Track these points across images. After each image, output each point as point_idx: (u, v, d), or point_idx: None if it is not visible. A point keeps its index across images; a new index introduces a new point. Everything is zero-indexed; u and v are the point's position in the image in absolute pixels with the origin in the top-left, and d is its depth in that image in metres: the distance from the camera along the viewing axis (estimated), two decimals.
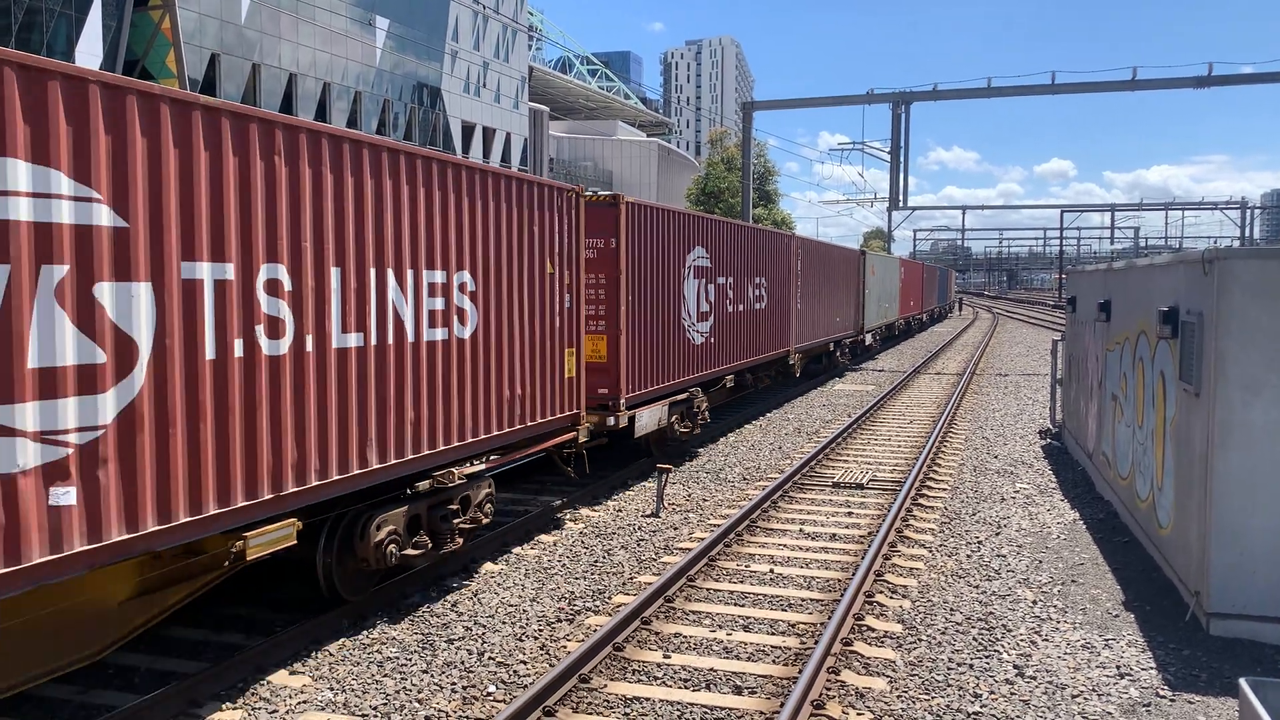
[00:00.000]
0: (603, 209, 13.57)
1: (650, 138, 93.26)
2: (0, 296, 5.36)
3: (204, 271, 6.61)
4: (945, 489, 14.46)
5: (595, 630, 8.39)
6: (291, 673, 7.64)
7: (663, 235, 15.38)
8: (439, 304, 9.20)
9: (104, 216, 5.92)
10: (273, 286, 7.20)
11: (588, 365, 12.84)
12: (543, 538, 11.65)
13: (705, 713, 7.00)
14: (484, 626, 8.69)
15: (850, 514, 12.84)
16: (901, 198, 44.13)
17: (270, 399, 7.19)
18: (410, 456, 8.81)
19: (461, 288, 9.57)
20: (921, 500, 13.62)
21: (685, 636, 8.41)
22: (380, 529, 8.58)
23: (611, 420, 13.51)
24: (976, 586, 9.90)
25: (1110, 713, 7.06)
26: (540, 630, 8.63)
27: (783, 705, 6.86)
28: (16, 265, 5.44)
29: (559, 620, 8.90)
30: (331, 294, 7.75)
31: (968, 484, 14.83)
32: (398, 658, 7.96)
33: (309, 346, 7.55)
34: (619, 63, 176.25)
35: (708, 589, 9.70)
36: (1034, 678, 7.65)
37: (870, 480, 14.72)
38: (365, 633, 8.51)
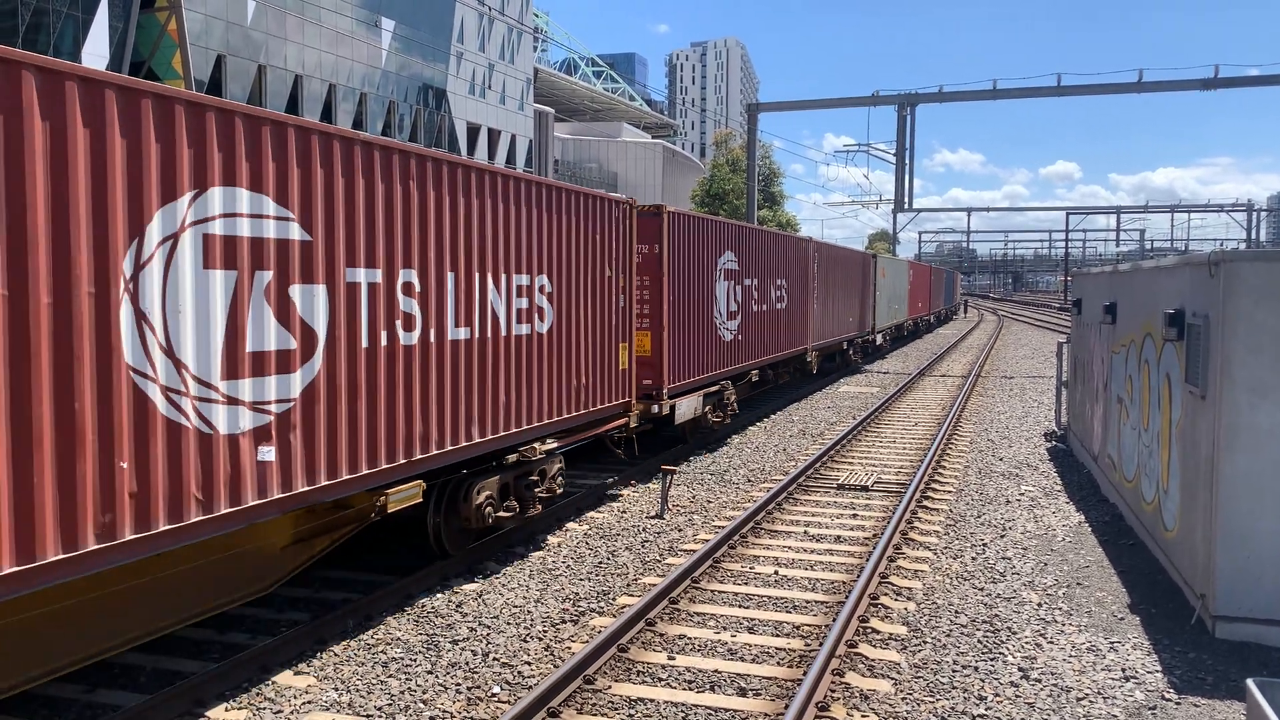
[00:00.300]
0: (648, 218, 14.96)
1: (655, 139, 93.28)
2: (230, 296, 6.87)
3: (361, 276, 8.15)
4: (950, 491, 14.44)
5: (600, 631, 8.39)
6: (296, 673, 7.65)
7: (697, 241, 16.82)
8: (524, 303, 10.77)
9: (295, 232, 7.45)
10: (408, 288, 8.75)
11: (635, 359, 14.10)
12: (548, 539, 11.65)
13: (710, 714, 6.99)
14: (488, 627, 8.70)
15: (855, 516, 12.83)
16: (906, 200, 44.11)
17: (405, 381, 8.71)
18: (501, 434, 10.35)
19: (541, 289, 11.17)
20: (926, 502, 13.60)
21: (689, 638, 8.41)
22: (480, 494, 10.16)
23: (655, 408, 14.94)
24: (981, 589, 9.89)
25: (1116, 716, 7.05)
26: (545, 631, 8.63)
27: (787, 707, 6.85)
28: (241, 272, 6.96)
29: (563, 621, 8.90)
30: (448, 295, 9.32)
31: (973, 486, 14.81)
32: (402, 658, 7.97)
33: (432, 338, 9.10)
34: (624, 64, 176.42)
35: (712, 590, 9.70)
36: (1039, 680, 7.64)
37: (875, 482, 14.71)
38: (370, 633, 8.51)
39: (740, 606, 9.29)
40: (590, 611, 9.16)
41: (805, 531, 12.02)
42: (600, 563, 10.72)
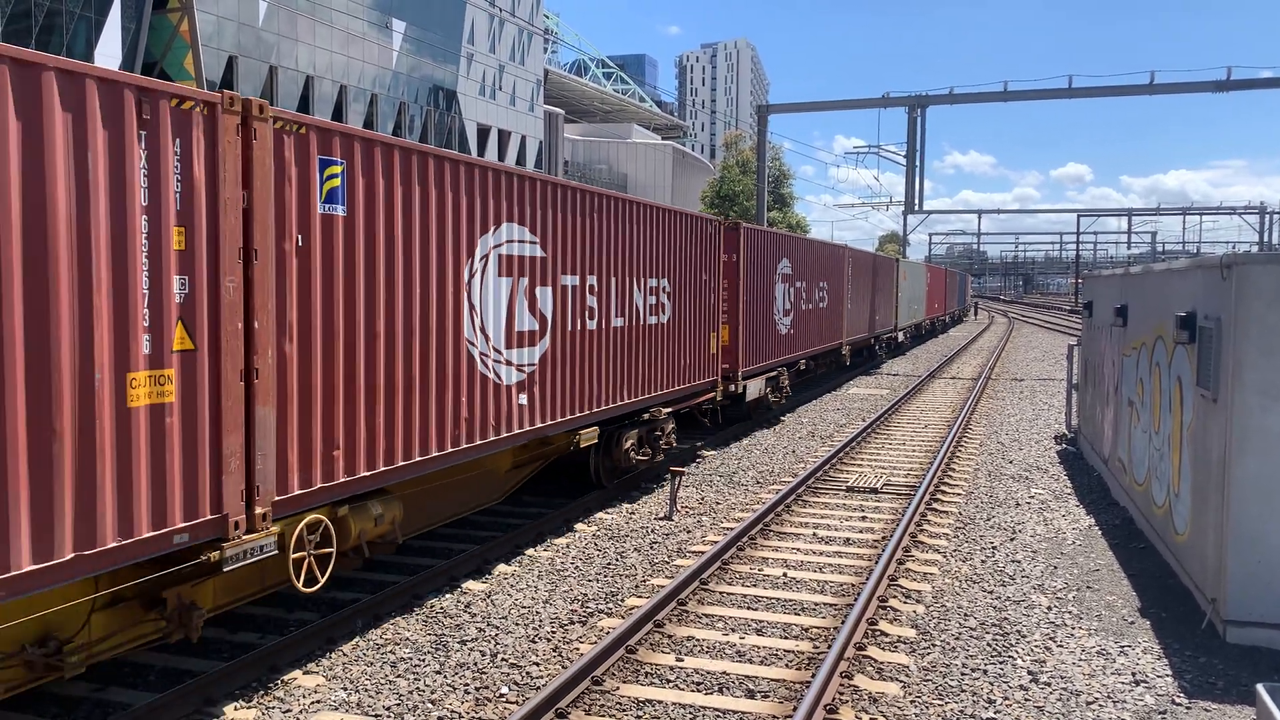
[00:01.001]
0: (729, 232, 18.08)
1: (665, 141, 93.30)
2: (508, 294, 10.32)
3: (568, 280, 11.66)
4: (960, 494, 14.41)
5: (608, 632, 8.39)
6: (305, 672, 7.67)
7: (762, 250, 19.83)
8: (654, 300, 14.31)
9: (538, 251, 10.93)
10: (591, 289, 12.26)
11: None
12: (555, 540, 11.66)
13: (718, 715, 6.99)
14: (497, 628, 8.71)
15: (864, 518, 12.81)
16: (917, 201, 44.05)
17: (590, 355, 12.23)
18: (640, 398, 13.89)
19: (663, 290, 14.65)
20: (936, 505, 13.57)
21: (698, 639, 8.41)
22: (626, 441, 13.71)
23: (733, 387, 18.00)
24: (991, 592, 9.87)
25: (1125, 719, 7.03)
26: (553, 632, 8.64)
27: (796, 709, 6.85)
28: (516, 280, 10.44)
29: (572, 622, 8.90)
30: (613, 293, 12.90)
31: (982, 489, 14.78)
32: (411, 658, 7.98)
33: (604, 325, 12.64)
34: (634, 66, 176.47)
35: (721, 592, 9.69)
36: (1048, 684, 7.62)
37: (884, 485, 14.68)
38: (379, 632, 8.53)
39: (749, 608, 9.28)
40: (598, 612, 9.16)
41: (814, 534, 12.01)
42: (609, 564, 10.73)
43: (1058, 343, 47.67)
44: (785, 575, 10.28)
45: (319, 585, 7.87)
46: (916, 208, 45.00)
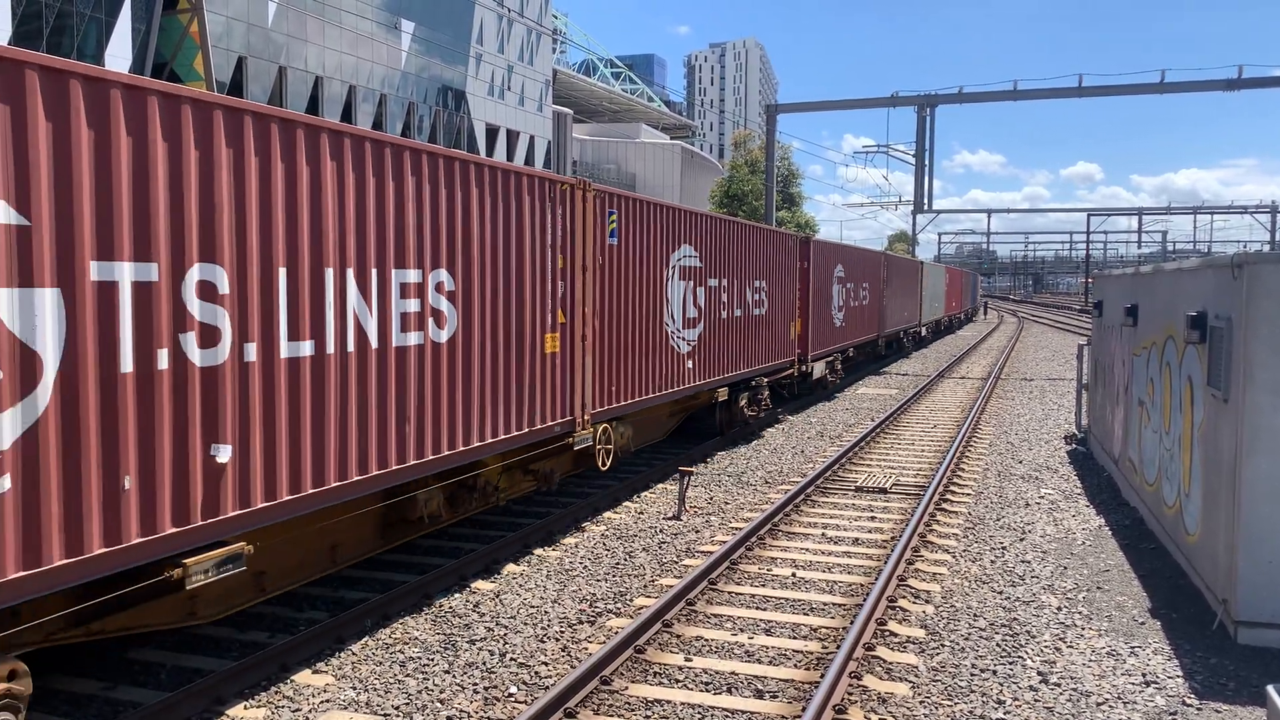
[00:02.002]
0: (803, 243, 22.84)
1: (674, 140, 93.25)
2: (683, 292, 14.92)
3: (713, 282, 16.44)
4: (969, 494, 14.37)
5: (616, 632, 8.39)
6: (315, 671, 7.69)
7: (824, 257, 24.66)
8: (757, 296, 18.98)
9: (698, 262, 15.65)
10: (724, 288, 17.04)
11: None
12: (564, 540, 11.67)
13: (727, 715, 6.98)
14: (506, 627, 8.72)
15: (873, 518, 12.79)
16: (926, 201, 43.97)
17: (723, 336, 16.93)
18: (749, 369, 18.53)
19: (763, 289, 19.29)
20: (945, 505, 13.54)
21: (707, 639, 8.40)
22: (741, 399, 18.50)
23: (804, 367, 22.83)
24: (1000, 592, 9.84)
25: None
26: (561, 632, 8.64)
27: (804, 709, 6.84)
28: (688, 282, 15.15)
29: (580, 622, 8.90)
30: (736, 292, 17.59)
31: (992, 489, 14.74)
32: (420, 657, 8.00)
33: (731, 315, 17.35)
34: (643, 65, 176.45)
35: (729, 592, 9.68)
36: (1058, 685, 7.59)
37: (893, 485, 14.66)
38: (388, 632, 8.55)
39: (758, 608, 9.28)
40: (607, 612, 9.16)
41: (823, 534, 11.99)
42: (617, 564, 10.73)
43: (1067, 342, 47.52)
44: (794, 575, 10.27)
45: (607, 467, 13.23)
46: (925, 207, 44.91)
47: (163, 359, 6.30)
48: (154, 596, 6.87)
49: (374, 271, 8.17)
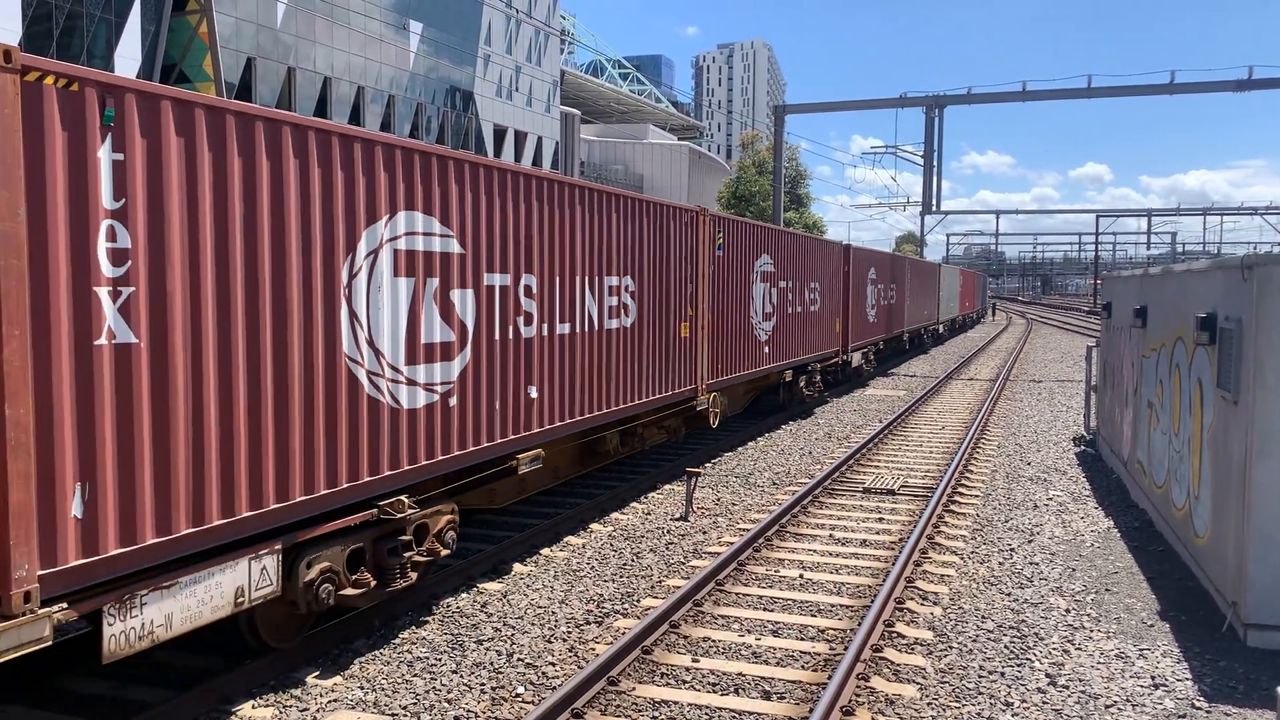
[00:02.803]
0: (845, 249, 26.37)
1: (681, 141, 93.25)
2: (763, 291, 18.75)
3: (783, 284, 19.93)
4: (977, 495, 14.34)
5: (624, 633, 8.39)
6: (322, 671, 7.70)
7: (861, 262, 28.39)
8: (812, 295, 22.29)
9: (771, 266, 19.23)
10: (791, 288, 20.47)
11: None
12: (571, 540, 11.67)
13: (734, 717, 6.98)
14: (513, 628, 8.72)
15: (881, 520, 12.77)
16: (935, 202, 43.89)
17: (790, 327, 20.40)
18: (807, 355, 21.92)
19: (815, 288, 22.63)
20: (953, 507, 13.51)
21: (714, 641, 8.40)
22: (801, 380, 21.87)
23: (845, 356, 26.24)
24: (1008, 594, 9.81)
25: None
26: (569, 632, 8.64)
27: (812, 711, 6.83)
28: (765, 283, 18.89)
29: (587, 622, 8.91)
30: (798, 291, 20.85)
31: (1000, 490, 14.71)
32: (427, 658, 8.00)
33: (794, 310, 20.69)
34: (651, 66, 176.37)
35: (736, 593, 9.68)
36: (1066, 687, 7.57)
37: (901, 486, 14.63)
38: (396, 632, 8.56)
39: (765, 609, 9.27)
40: (614, 613, 9.16)
41: (831, 535, 11.98)
42: (624, 564, 10.73)
43: (1076, 344, 47.39)
44: (801, 577, 10.25)
45: (715, 425, 16.57)
46: (934, 208, 44.85)
47: (510, 332, 10.01)
48: (501, 478, 10.43)
49: (596, 278, 11.97)
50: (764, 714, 7.02)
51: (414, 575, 8.51)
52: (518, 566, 10.55)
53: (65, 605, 5.58)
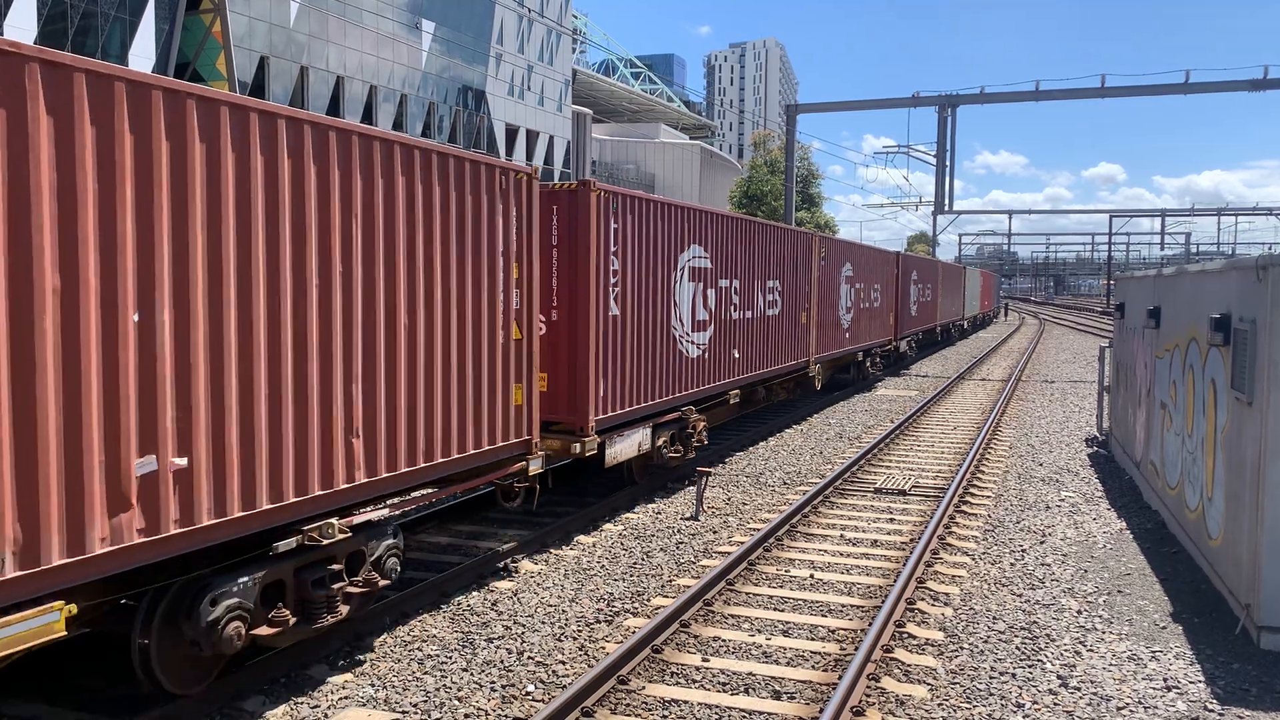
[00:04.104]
0: (895, 255, 32.57)
1: (693, 140, 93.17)
2: (848, 290, 24.98)
3: (858, 285, 26.20)
4: (989, 496, 14.30)
5: (634, 632, 8.39)
6: (333, 668, 7.72)
7: (907, 266, 33.99)
8: (874, 294, 27.37)
9: (851, 271, 25.25)
10: (860, 289, 26.24)
11: (896, 322, 32.23)
12: (581, 538, 11.68)
13: (744, 716, 6.97)
14: (523, 626, 8.73)
15: (892, 520, 12.75)
16: (947, 202, 43.77)
17: (859, 320, 26.19)
18: (868, 343, 27.22)
19: (876, 289, 27.47)
20: (965, 507, 13.48)
21: (724, 640, 8.39)
22: (867, 361, 27.63)
23: (895, 344, 31.75)
24: (1020, 595, 9.78)
25: None
26: (579, 631, 8.65)
27: (822, 711, 6.82)
28: (849, 283, 25.20)
29: (598, 621, 8.91)
30: (865, 291, 27.07)
31: (1012, 491, 14.66)
32: (438, 655, 8.02)
33: (863, 307, 26.96)
34: (663, 65, 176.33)
35: (747, 593, 9.67)
36: (1078, 689, 7.54)
37: (913, 487, 14.60)
38: (406, 630, 8.58)
39: (775, 609, 9.26)
40: (624, 612, 9.17)
41: (841, 535, 11.96)
42: (635, 563, 10.73)
43: (1089, 345, 47.20)
44: (812, 577, 10.24)
45: (819, 389, 22.75)
46: (946, 208, 44.73)
47: (728, 315, 16.30)
48: (719, 406, 16.66)
49: (763, 282, 18.31)
50: (774, 714, 7.01)
51: (697, 444, 15.11)
52: (528, 565, 10.56)
53: (598, 436, 11.97)
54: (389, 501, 8.33)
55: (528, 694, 7.34)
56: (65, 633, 5.51)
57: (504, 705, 7.13)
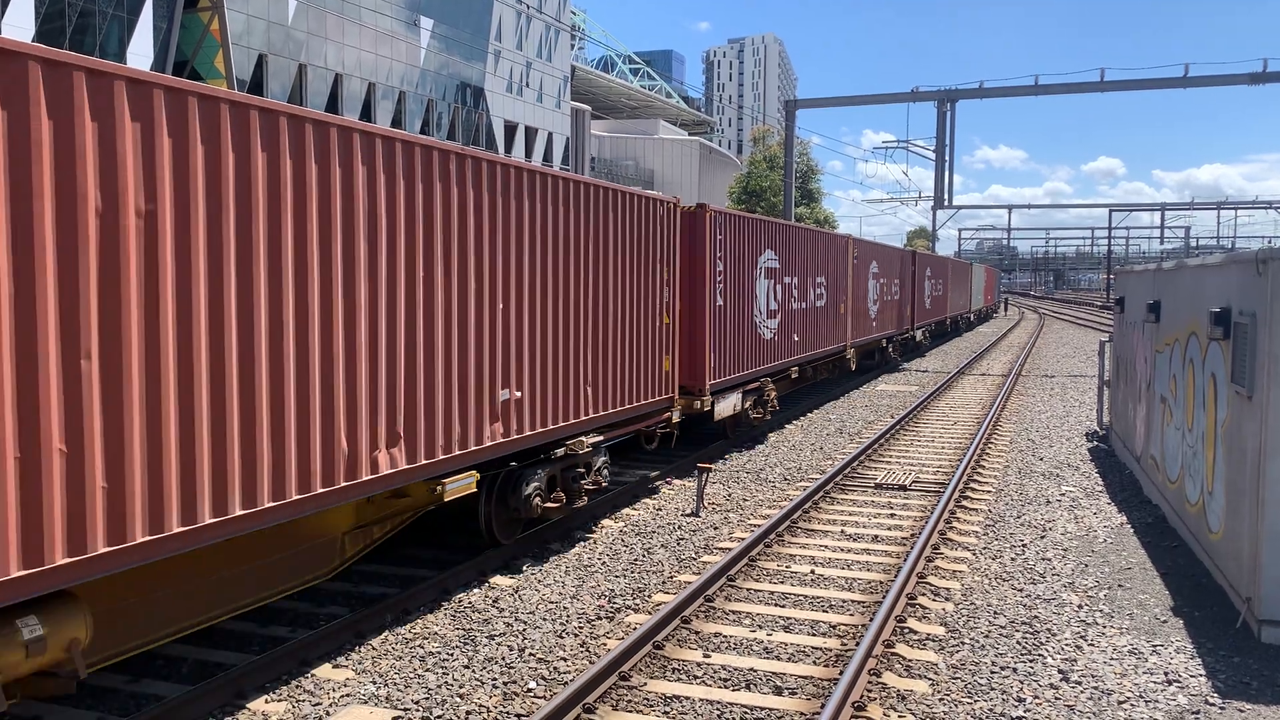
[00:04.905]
0: (912, 254, 36.26)
1: (692, 136, 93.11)
2: (874, 285, 28.69)
3: (883, 280, 30.25)
4: (990, 491, 14.31)
5: (635, 628, 8.40)
6: (335, 666, 7.73)
7: (920, 263, 37.34)
8: (895, 288, 31.60)
9: (877, 269, 30.01)
10: (886, 284, 30.55)
11: (921, 310, 37.86)
12: (583, 535, 11.68)
13: (745, 712, 6.98)
14: (525, 623, 8.74)
15: (893, 515, 12.75)
16: (946, 197, 43.73)
17: (886, 309, 30.69)
18: (891, 331, 31.44)
19: (895, 285, 31.77)
20: (965, 502, 13.48)
21: (725, 636, 8.40)
22: (890, 348, 32.28)
23: (911, 333, 35.45)
24: (1021, 590, 9.79)
25: (1157, 719, 6.96)
26: (580, 627, 8.66)
27: (823, 706, 6.82)
28: (874, 279, 28.74)
29: (599, 618, 8.92)
30: (890, 286, 31.43)
31: (1013, 486, 14.67)
32: (440, 652, 8.03)
33: (890, 299, 31.51)
34: (661, 61, 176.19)
35: (748, 589, 9.68)
36: (1079, 683, 7.55)
37: (913, 482, 14.60)
38: (408, 627, 8.58)
39: (776, 605, 9.26)
40: (626, 608, 9.17)
41: (842, 531, 11.97)
42: (636, 560, 10.74)
43: (1089, 339, 47.21)
44: (813, 572, 10.25)
45: (854, 369, 26.75)
46: (946, 203, 44.68)
47: (789, 306, 19.77)
48: (781, 379, 20.10)
49: (812, 278, 21.43)
50: (776, 709, 7.02)
51: (771, 408, 19.00)
52: (529, 562, 10.56)
53: (710, 396, 15.28)
54: (603, 434, 12.28)
55: (529, 691, 7.34)
56: (475, 490, 9.46)
57: (506, 702, 7.14)
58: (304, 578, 8.37)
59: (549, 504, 10.81)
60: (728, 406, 16.37)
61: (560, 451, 11.07)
